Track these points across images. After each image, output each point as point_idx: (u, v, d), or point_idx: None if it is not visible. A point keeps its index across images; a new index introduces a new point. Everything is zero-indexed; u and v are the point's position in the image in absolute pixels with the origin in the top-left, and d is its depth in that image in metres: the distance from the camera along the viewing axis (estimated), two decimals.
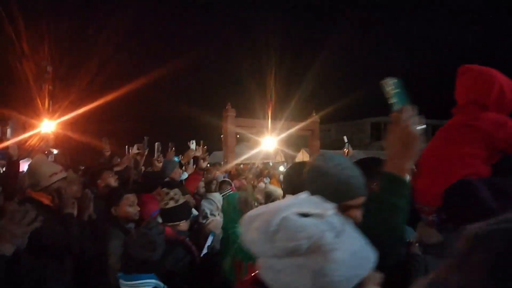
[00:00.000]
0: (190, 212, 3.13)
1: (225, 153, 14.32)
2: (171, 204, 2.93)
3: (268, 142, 15.75)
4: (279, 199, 3.97)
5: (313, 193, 1.31)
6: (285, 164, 12.46)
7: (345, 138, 4.11)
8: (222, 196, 4.37)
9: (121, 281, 2.08)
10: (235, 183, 6.30)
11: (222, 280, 2.43)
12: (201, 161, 5.00)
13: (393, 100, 1.32)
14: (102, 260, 2.73)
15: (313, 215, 0.86)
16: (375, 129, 42.71)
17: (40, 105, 11.48)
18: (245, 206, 2.69)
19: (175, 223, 2.93)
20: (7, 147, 3.66)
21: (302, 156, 22.00)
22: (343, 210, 1.27)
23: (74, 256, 2.71)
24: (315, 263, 0.78)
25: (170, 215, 2.92)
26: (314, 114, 17.62)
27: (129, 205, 3.16)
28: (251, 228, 0.88)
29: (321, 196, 1.29)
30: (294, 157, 21.21)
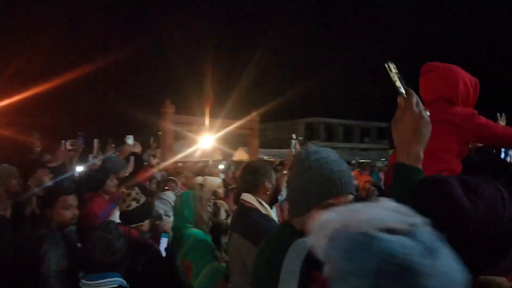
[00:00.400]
0: (151, 211, 3.00)
1: (163, 150, 13.93)
2: (134, 205, 2.78)
3: (206, 140, 15.62)
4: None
5: (295, 191, 1.28)
6: (224, 162, 12.42)
7: (293, 136, 4.03)
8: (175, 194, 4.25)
9: (83, 281, 1.97)
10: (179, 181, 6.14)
11: (180, 282, 2.37)
12: (151, 157, 4.83)
13: (398, 84, 1.18)
14: (36, 266, 2.50)
15: (400, 231, 0.73)
16: (308, 129, 44.28)
17: None
18: (200, 204, 2.61)
19: (139, 224, 2.78)
20: None
21: (240, 154, 22.15)
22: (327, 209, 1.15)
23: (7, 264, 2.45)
24: None
25: (133, 216, 2.76)
26: (254, 113, 17.79)
27: (65, 208, 2.82)
28: (324, 237, 0.76)
29: (303, 194, 1.25)
30: (231, 155, 21.28)
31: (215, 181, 4.48)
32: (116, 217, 2.97)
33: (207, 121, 16.23)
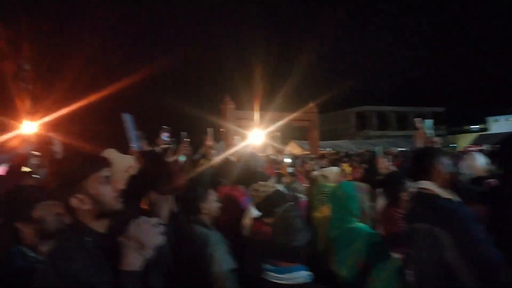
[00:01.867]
0: (285, 199, 2.73)
1: (227, 148, 13.82)
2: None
3: (257, 135, 15.34)
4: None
5: None
6: (289, 156, 11.99)
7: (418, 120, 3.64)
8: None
9: (271, 274, 1.82)
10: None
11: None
12: (210, 150, 4.71)
13: None
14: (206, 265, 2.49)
15: None
16: (360, 118, 42.93)
17: (20, 106, 10.75)
18: (365, 197, 2.40)
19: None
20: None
21: (292, 148, 21.75)
22: None
23: None
24: None
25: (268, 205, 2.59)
26: (311, 103, 17.26)
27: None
28: None
29: None
30: (283, 150, 20.92)
31: (335, 171, 4.24)
32: (252, 211, 2.89)
33: (257, 115, 15.94)
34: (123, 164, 2.56)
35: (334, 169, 4.34)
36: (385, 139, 33.98)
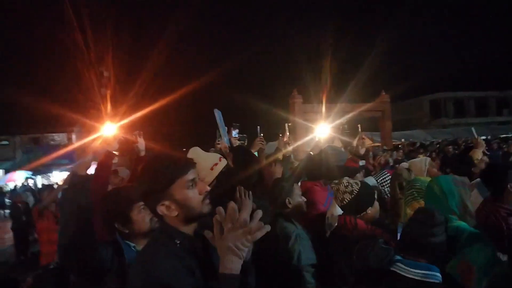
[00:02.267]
0: (373, 196, 2.60)
1: (294, 141, 13.80)
2: (347, 197, 2.51)
3: (324, 128, 15.01)
4: None
5: None
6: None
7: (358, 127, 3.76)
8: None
9: (401, 266, 1.71)
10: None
11: None
12: (359, 147, 4.50)
13: None
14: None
15: None
16: (434, 106, 40.44)
17: (103, 109, 11.65)
18: (465, 192, 2.18)
19: (362, 213, 2.51)
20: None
21: (362, 140, 21.04)
22: None
23: None
24: None
25: (353, 206, 2.49)
26: (384, 93, 16.58)
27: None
28: None
29: None
30: (350, 143, 20.28)
31: (425, 161, 4.07)
32: (336, 208, 2.76)
33: (323, 108, 15.63)
34: (208, 162, 2.58)
35: (424, 160, 4.11)
36: (462, 127, 31.68)
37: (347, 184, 2.55)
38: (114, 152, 3.69)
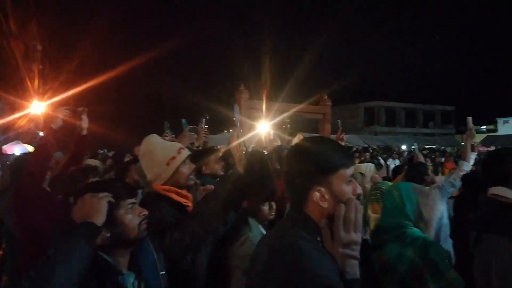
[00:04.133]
0: None
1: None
2: None
3: (264, 126, 15.13)
4: None
5: None
6: None
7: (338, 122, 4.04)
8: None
9: None
10: None
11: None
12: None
13: None
14: None
15: None
16: (368, 113, 42.57)
17: (30, 86, 10.68)
18: (422, 198, 2.14)
19: None
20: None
21: (298, 140, 21.58)
22: None
23: None
24: None
25: None
26: (326, 97, 17.05)
27: None
28: None
29: None
30: (290, 142, 20.72)
31: (370, 167, 4.12)
32: None
33: (264, 106, 15.75)
34: (164, 155, 2.21)
35: (370, 165, 4.20)
36: (392, 135, 33.67)
37: None
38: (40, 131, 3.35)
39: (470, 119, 3.50)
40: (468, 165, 3.30)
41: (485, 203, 2.13)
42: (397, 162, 11.26)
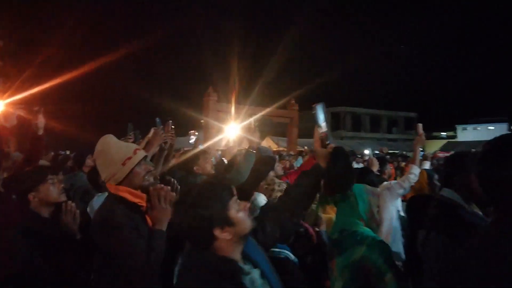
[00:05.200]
0: None
1: (205, 139, 13.59)
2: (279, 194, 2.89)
3: (233, 129, 15.19)
4: None
5: None
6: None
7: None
8: None
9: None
10: None
11: None
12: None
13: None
14: None
15: None
16: (335, 118, 43.47)
17: None
18: (374, 199, 2.29)
19: None
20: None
21: (267, 143, 21.78)
22: None
23: None
24: None
25: None
26: (293, 101, 17.32)
27: None
28: None
29: None
30: (258, 145, 20.82)
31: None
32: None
33: (233, 108, 15.84)
34: (119, 155, 2.21)
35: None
36: (357, 140, 34.56)
37: (279, 183, 2.84)
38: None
39: (420, 125, 3.68)
40: (417, 169, 3.47)
41: (434, 204, 2.28)
42: (361, 166, 11.58)
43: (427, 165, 3.75)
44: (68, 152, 9.06)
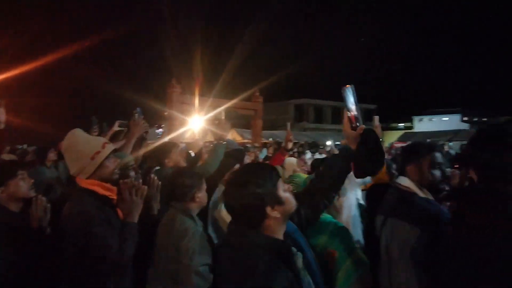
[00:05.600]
0: None
1: (169, 132, 13.37)
2: None
3: (197, 121, 15.05)
4: None
5: None
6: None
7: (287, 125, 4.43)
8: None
9: None
10: None
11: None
12: (289, 142, 4.43)
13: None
14: None
15: None
16: (298, 110, 44.06)
17: None
18: None
19: None
20: None
21: (232, 135, 21.81)
22: None
23: None
24: None
25: None
26: (257, 93, 17.35)
27: None
28: None
29: None
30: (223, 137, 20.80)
31: (293, 161, 4.50)
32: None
33: (196, 101, 15.71)
34: (88, 149, 2.22)
35: (293, 159, 4.51)
36: (320, 131, 35.30)
37: None
38: None
39: (377, 117, 3.83)
40: None
41: (391, 191, 2.47)
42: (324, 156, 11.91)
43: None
44: (25, 147, 8.74)
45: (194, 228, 2.29)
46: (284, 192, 1.58)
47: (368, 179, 3.25)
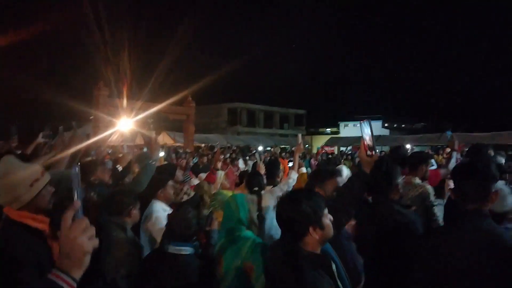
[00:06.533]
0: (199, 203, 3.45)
1: (95, 136, 12.74)
2: (185, 197, 3.43)
3: (126, 124, 14.58)
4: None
5: None
6: (164, 149, 11.71)
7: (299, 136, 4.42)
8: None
9: (171, 247, 2.36)
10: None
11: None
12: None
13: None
14: None
15: None
16: (231, 114, 44.35)
17: None
18: (253, 206, 2.61)
19: None
20: None
21: (164, 139, 21.36)
22: None
23: None
24: None
25: None
26: (190, 98, 17.18)
27: None
28: None
29: None
30: (154, 140, 20.25)
31: (220, 174, 4.95)
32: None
33: (125, 102, 15.26)
34: (27, 176, 2.05)
35: (220, 173, 4.89)
36: (252, 135, 35.81)
37: (188, 189, 3.53)
38: None
39: (300, 135, 4.16)
40: (295, 174, 3.87)
41: None
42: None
43: (303, 170, 4.40)
44: None
45: (125, 238, 2.55)
46: (327, 219, 1.80)
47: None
